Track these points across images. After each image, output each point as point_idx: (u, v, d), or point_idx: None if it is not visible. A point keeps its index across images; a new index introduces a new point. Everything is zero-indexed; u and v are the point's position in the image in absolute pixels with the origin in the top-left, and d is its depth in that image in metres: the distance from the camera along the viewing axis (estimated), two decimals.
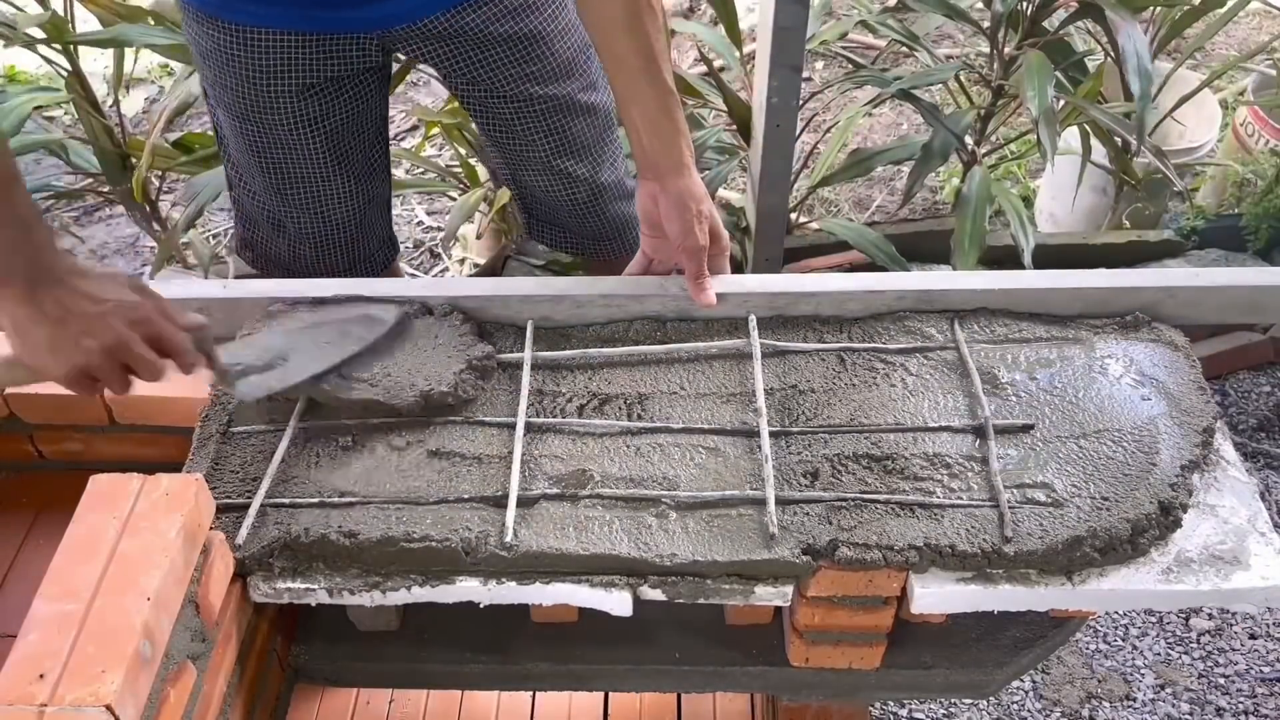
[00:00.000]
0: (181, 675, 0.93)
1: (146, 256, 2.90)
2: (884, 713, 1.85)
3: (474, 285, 1.26)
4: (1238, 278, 1.26)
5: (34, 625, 0.86)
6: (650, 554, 1.01)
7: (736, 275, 1.25)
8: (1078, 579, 1.01)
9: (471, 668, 1.18)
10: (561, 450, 1.12)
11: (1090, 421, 1.11)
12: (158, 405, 1.20)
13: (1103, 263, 1.57)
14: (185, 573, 0.93)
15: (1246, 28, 3.61)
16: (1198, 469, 1.09)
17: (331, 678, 1.24)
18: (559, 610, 1.13)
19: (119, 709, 0.81)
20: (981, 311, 1.25)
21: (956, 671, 1.17)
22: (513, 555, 1.01)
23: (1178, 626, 1.95)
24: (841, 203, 2.99)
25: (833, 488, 1.06)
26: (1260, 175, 2.65)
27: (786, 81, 1.79)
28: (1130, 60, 1.91)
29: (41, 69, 3.17)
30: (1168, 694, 1.85)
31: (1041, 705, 1.84)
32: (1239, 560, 1.03)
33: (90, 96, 2.15)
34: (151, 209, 2.32)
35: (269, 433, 1.14)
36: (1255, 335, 2.49)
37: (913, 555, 1.00)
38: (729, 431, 1.13)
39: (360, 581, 1.03)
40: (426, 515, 1.04)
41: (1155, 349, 1.20)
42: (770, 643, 1.17)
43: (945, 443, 1.10)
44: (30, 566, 1.20)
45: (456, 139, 2.30)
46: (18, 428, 1.24)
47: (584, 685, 1.26)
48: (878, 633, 1.11)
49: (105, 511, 0.93)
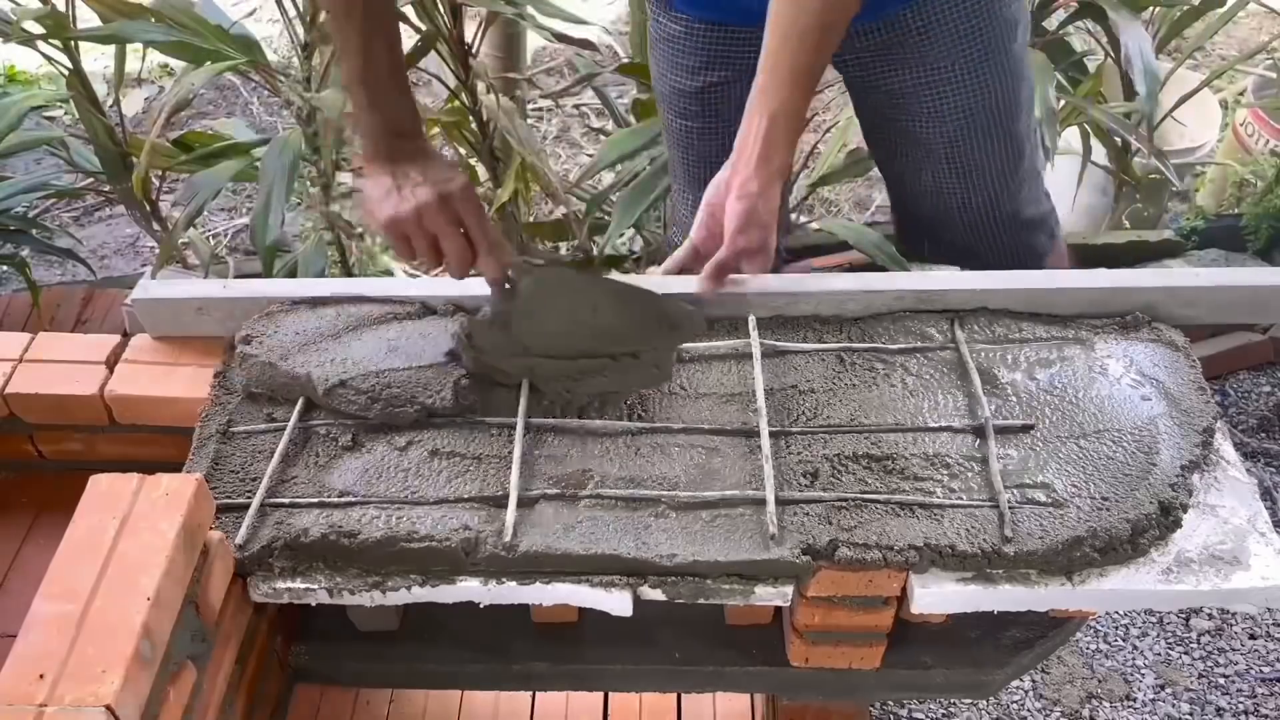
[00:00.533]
0: (181, 675, 0.93)
1: (147, 256, 2.90)
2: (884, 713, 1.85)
3: (474, 285, 1.26)
4: (1238, 278, 1.26)
5: (34, 625, 0.86)
6: (650, 554, 1.01)
7: (738, 275, 1.25)
8: (1078, 579, 1.01)
9: (471, 668, 1.18)
10: (561, 450, 1.11)
11: (1090, 422, 1.11)
12: (158, 405, 1.20)
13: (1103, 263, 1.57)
14: (185, 573, 0.93)
15: (1246, 28, 3.61)
16: (1198, 469, 1.09)
17: (331, 678, 1.24)
18: (559, 610, 1.13)
19: (119, 709, 0.81)
20: (981, 311, 1.24)
21: (956, 671, 1.17)
22: (513, 555, 1.01)
23: (1178, 626, 1.95)
24: (841, 203, 2.99)
25: (833, 488, 1.06)
26: (1260, 175, 2.65)
27: None
28: (1135, 61, 1.91)
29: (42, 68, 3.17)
30: (1168, 694, 1.85)
31: (1041, 705, 1.84)
32: (1239, 560, 1.02)
33: (91, 95, 2.15)
34: (152, 208, 2.32)
35: (269, 433, 1.14)
36: (1255, 335, 2.49)
37: (913, 555, 1.00)
38: (729, 431, 1.13)
39: (360, 581, 1.03)
40: (426, 515, 1.04)
41: (1155, 349, 1.19)
42: (770, 643, 1.17)
43: (945, 443, 1.10)
44: (30, 566, 1.20)
45: (456, 139, 2.30)
46: (18, 428, 1.24)
47: (584, 685, 1.26)
48: (878, 633, 1.11)
49: (105, 511, 0.93)
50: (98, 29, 1.99)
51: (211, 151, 2.03)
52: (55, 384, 1.20)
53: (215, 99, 3.47)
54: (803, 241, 2.50)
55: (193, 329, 1.24)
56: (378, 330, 1.20)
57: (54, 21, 1.98)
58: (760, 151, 1.17)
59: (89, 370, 1.22)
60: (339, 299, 1.25)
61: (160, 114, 1.81)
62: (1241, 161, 2.72)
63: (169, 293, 1.24)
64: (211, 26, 1.86)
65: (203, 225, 2.89)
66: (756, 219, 1.18)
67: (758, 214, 1.18)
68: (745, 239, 1.19)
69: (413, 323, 1.22)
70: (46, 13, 1.97)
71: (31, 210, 2.77)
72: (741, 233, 1.18)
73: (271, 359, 1.16)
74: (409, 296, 1.25)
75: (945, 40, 1.38)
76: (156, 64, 3.48)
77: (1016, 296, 1.24)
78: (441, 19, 2.00)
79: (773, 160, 1.18)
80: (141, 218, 2.34)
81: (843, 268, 2.40)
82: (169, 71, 3.45)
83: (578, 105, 3.36)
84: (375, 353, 1.16)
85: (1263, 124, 2.68)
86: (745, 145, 1.19)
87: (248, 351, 1.18)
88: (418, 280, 1.32)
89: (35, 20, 1.95)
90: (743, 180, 1.18)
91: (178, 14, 1.86)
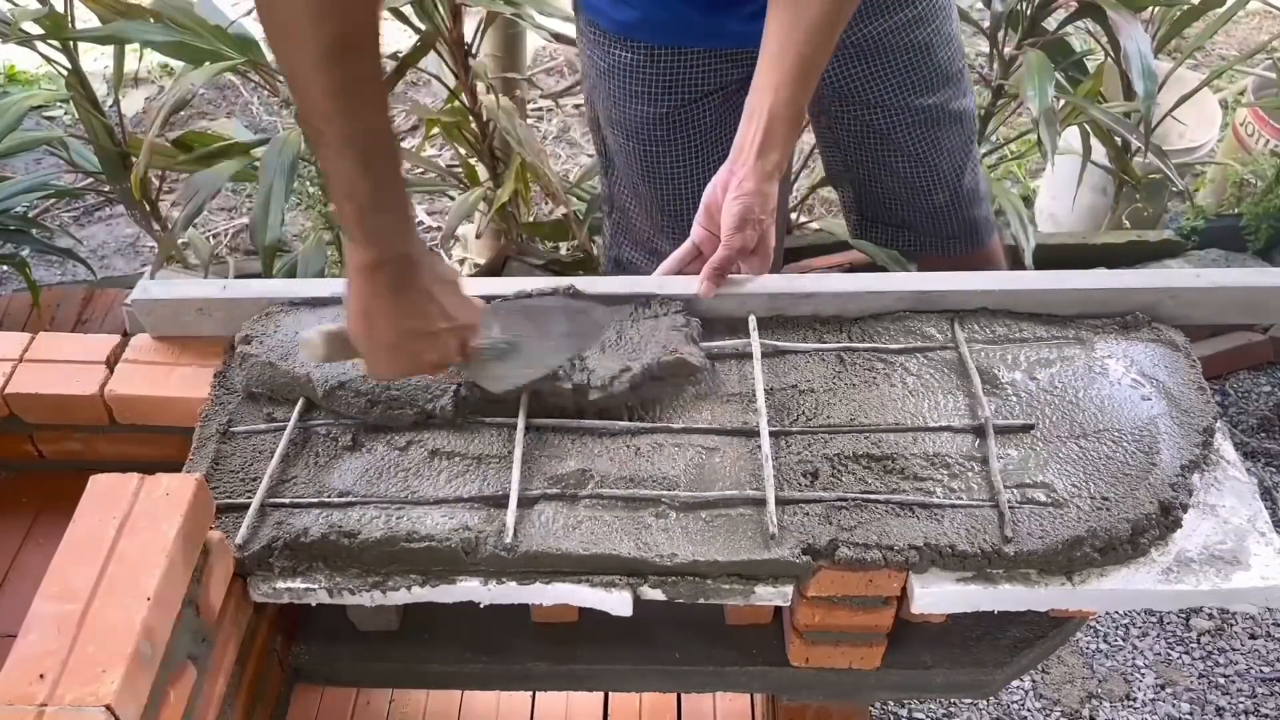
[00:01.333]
0: (181, 675, 0.93)
1: (146, 256, 2.90)
2: (884, 713, 1.85)
3: (474, 285, 1.26)
4: (1238, 278, 1.26)
5: (34, 625, 0.86)
6: (650, 554, 1.01)
7: (737, 275, 1.25)
8: (1078, 579, 1.01)
9: (471, 668, 1.18)
10: (561, 450, 1.11)
11: (1090, 421, 1.11)
12: (158, 405, 1.20)
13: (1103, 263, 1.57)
14: (185, 573, 0.93)
15: (1246, 28, 3.62)
16: (1198, 469, 1.09)
17: (331, 678, 1.24)
18: (559, 610, 1.13)
19: (119, 709, 0.81)
20: (981, 312, 1.24)
21: (956, 671, 1.17)
22: (513, 555, 1.01)
23: (1178, 626, 1.95)
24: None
25: (833, 488, 1.06)
26: (1260, 175, 2.65)
27: None
28: (1134, 61, 1.91)
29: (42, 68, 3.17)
30: (1168, 694, 1.85)
31: (1041, 705, 1.84)
32: (1239, 560, 1.02)
33: (90, 95, 2.15)
34: (151, 208, 2.32)
35: (269, 433, 1.14)
36: (1255, 335, 2.49)
37: (913, 555, 1.00)
38: (729, 431, 1.13)
39: (360, 581, 1.03)
40: (426, 515, 1.04)
41: (1155, 349, 1.19)
42: (770, 643, 1.17)
43: (945, 443, 1.10)
44: (30, 566, 1.20)
45: (456, 139, 2.30)
46: (18, 428, 1.24)
47: (584, 685, 1.26)
48: (878, 633, 1.11)
49: (105, 511, 0.93)
50: (96, 29, 1.99)
51: (211, 151, 2.03)
52: (55, 384, 1.20)
53: (215, 99, 3.47)
54: (803, 241, 2.51)
55: (193, 329, 1.24)
56: None
57: (52, 22, 1.98)
58: (757, 150, 1.17)
59: (89, 370, 1.22)
60: (339, 299, 1.24)
61: (159, 114, 1.81)
62: (1241, 161, 2.73)
63: (169, 293, 1.24)
64: (210, 26, 1.86)
65: (203, 225, 2.89)
66: (752, 217, 1.18)
67: (753, 213, 1.18)
68: (742, 238, 1.19)
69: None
70: (45, 13, 1.97)
71: (31, 210, 2.77)
72: (738, 231, 1.18)
73: (271, 359, 1.16)
74: None
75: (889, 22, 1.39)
76: (156, 64, 3.48)
77: (1017, 297, 1.24)
78: (441, 19, 2.00)
79: (769, 158, 1.18)
80: (141, 218, 2.34)
81: (843, 268, 2.39)
82: (169, 71, 3.45)
83: (578, 105, 3.36)
84: None
85: (1263, 124, 2.68)
86: (743, 144, 1.19)
87: (248, 351, 1.18)
88: None
89: (34, 21, 1.95)
90: (739, 179, 1.18)
91: (176, 14, 1.86)
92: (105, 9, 1.94)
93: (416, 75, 3.10)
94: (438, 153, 3.10)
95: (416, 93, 3.41)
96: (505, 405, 1.15)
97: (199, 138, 2.18)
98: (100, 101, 2.21)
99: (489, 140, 2.22)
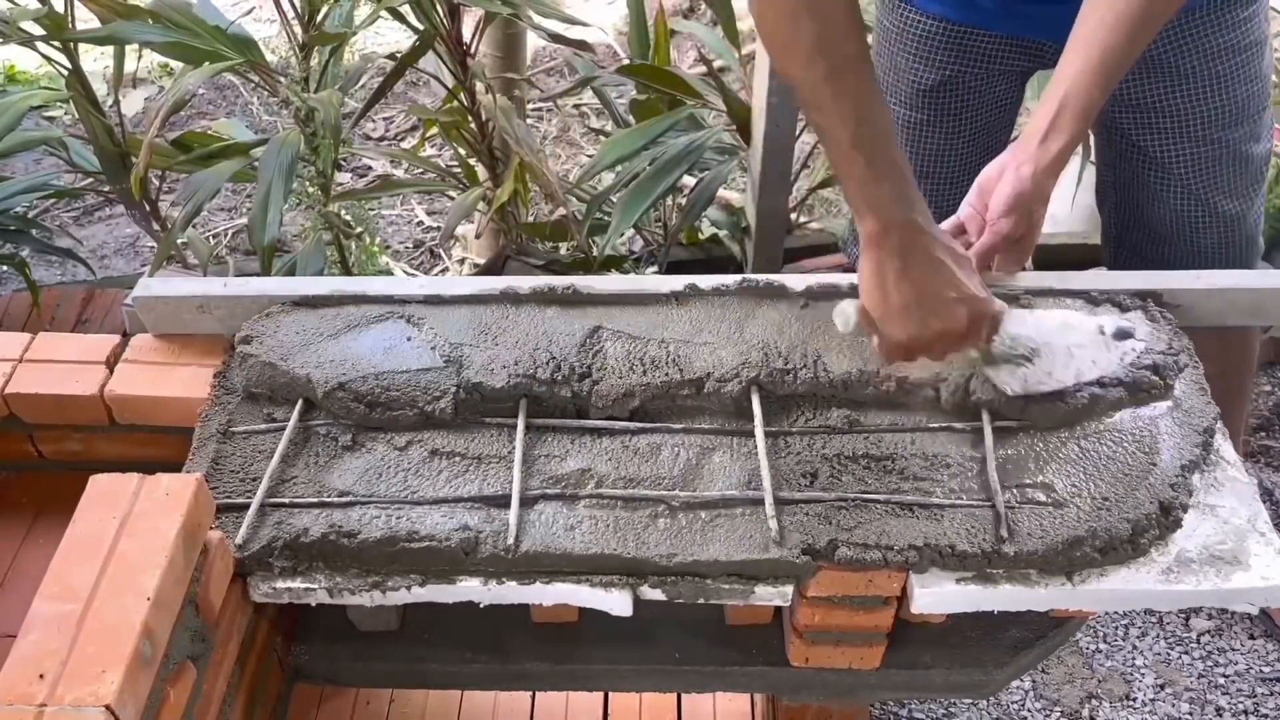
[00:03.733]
0: (181, 675, 0.93)
1: (146, 256, 2.90)
2: (884, 713, 1.85)
3: (476, 285, 1.26)
4: (1238, 278, 1.27)
5: (34, 625, 0.86)
6: (650, 554, 1.01)
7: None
8: (1078, 579, 1.01)
9: (471, 668, 1.18)
10: (561, 450, 1.11)
11: (1090, 422, 1.11)
12: (157, 405, 1.20)
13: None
14: (185, 573, 0.93)
15: None
16: (1198, 469, 1.09)
17: (331, 678, 1.24)
18: (559, 610, 1.13)
19: (119, 709, 0.81)
20: None
21: (956, 671, 1.17)
22: (513, 555, 1.01)
23: (1178, 626, 1.95)
24: (841, 203, 2.99)
25: (832, 488, 1.06)
26: None
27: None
28: None
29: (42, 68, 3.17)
30: (1168, 694, 1.85)
31: (1041, 705, 1.84)
32: (1239, 560, 1.02)
33: (90, 95, 2.15)
34: (151, 208, 2.31)
35: (269, 433, 1.14)
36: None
37: (912, 555, 1.00)
38: (729, 432, 1.13)
39: (360, 581, 1.03)
40: (426, 515, 1.04)
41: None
42: (770, 643, 1.17)
43: (945, 443, 1.10)
44: (30, 566, 1.20)
45: (456, 139, 2.30)
46: (18, 428, 1.24)
47: (584, 685, 1.26)
48: (878, 633, 1.11)
49: (105, 511, 0.93)
50: (96, 30, 1.99)
51: (210, 151, 2.03)
52: (55, 384, 1.20)
53: (214, 99, 3.47)
54: (802, 242, 2.51)
55: (193, 327, 1.24)
56: (378, 330, 1.20)
57: (52, 22, 1.98)
58: (1041, 136, 1.14)
59: (89, 370, 1.22)
60: (339, 298, 1.24)
61: (159, 114, 1.81)
62: None
63: (169, 290, 1.24)
64: (209, 26, 1.86)
65: (202, 225, 2.89)
66: (1023, 204, 1.15)
67: (1025, 200, 1.15)
68: (1009, 224, 1.15)
69: (412, 324, 1.22)
70: (44, 13, 1.97)
71: (31, 210, 2.77)
72: (1005, 216, 1.15)
73: (271, 359, 1.16)
74: (409, 295, 1.24)
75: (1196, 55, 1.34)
76: (156, 64, 3.48)
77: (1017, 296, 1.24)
78: (439, 18, 2.00)
79: (1050, 146, 1.14)
80: (141, 218, 2.34)
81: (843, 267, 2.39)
82: (168, 71, 3.45)
83: (577, 105, 3.36)
84: (375, 354, 1.16)
85: None
86: (1031, 131, 1.16)
87: (248, 351, 1.18)
88: (418, 279, 1.32)
89: (33, 21, 1.95)
90: (1018, 164, 1.15)
91: (175, 14, 1.86)
92: (105, 9, 1.94)
93: (416, 75, 3.10)
94: (437, 153, 3.10)
95: (415, 93, 3.41)
96: (504, 406, 1.14)
97: (198, 138, 2.19)
98: (100, 101, 2.21)
99: (488, 140, 2.22)
